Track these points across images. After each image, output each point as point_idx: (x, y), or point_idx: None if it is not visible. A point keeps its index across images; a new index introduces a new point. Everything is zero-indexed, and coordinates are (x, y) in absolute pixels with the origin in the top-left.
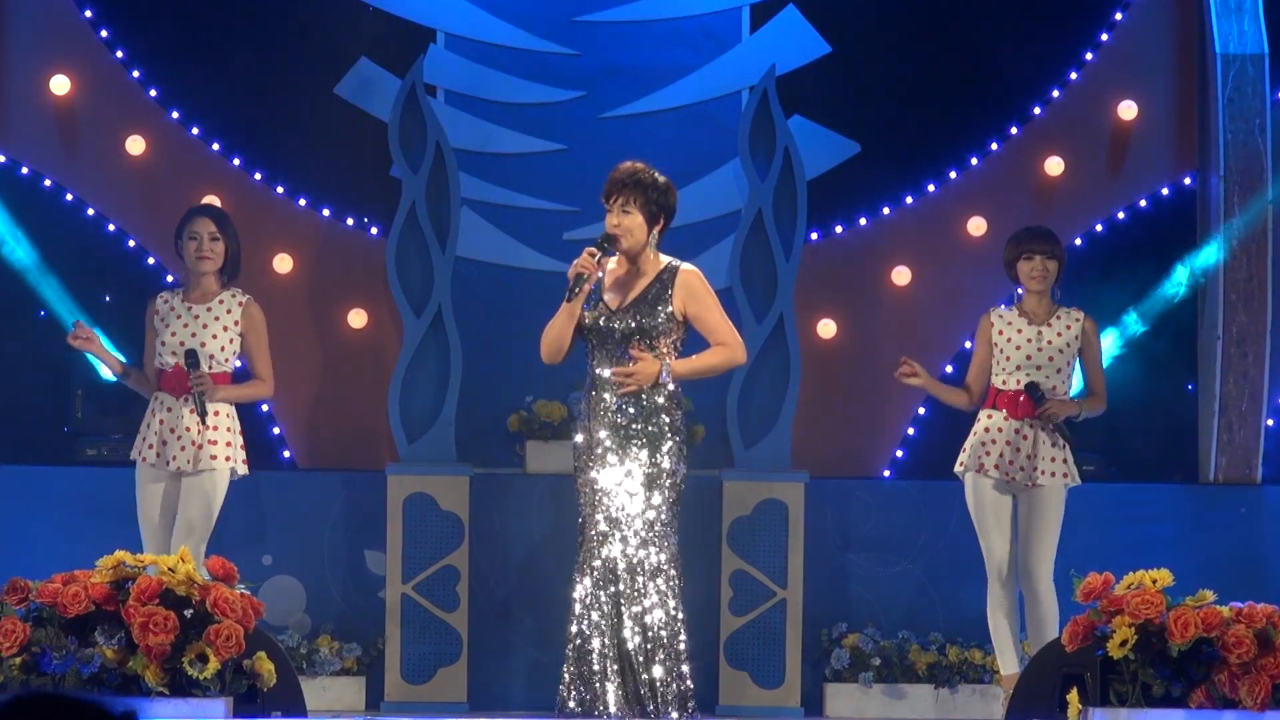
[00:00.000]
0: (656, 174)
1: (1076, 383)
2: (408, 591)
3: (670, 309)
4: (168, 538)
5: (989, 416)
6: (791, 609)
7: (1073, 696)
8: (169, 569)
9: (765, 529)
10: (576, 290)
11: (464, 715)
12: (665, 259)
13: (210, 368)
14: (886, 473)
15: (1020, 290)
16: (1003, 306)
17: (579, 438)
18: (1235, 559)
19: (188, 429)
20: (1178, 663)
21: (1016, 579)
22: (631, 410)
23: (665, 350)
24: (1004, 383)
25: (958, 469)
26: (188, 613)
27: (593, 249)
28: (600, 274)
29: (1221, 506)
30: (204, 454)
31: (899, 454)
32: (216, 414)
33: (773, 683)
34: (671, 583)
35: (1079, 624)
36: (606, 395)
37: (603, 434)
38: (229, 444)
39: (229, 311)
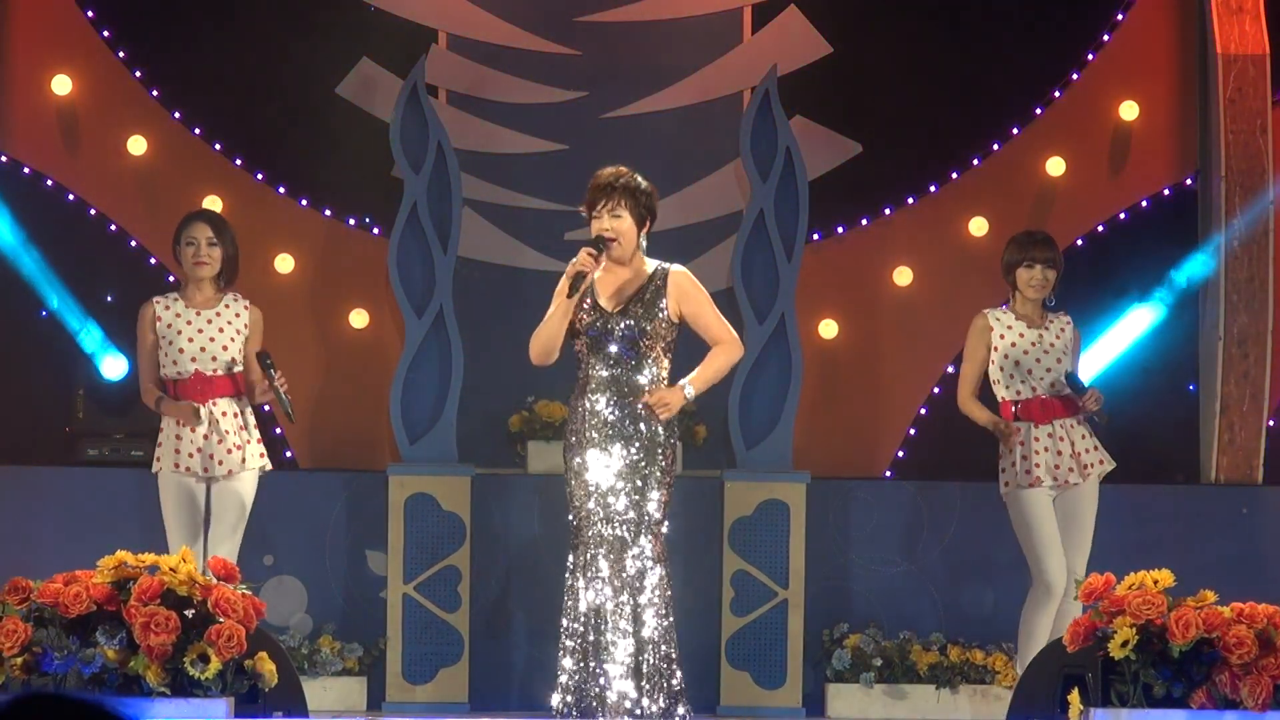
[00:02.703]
0: (639, 177)
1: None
2: (409, 592)
3: (666, 311)
4: (200, 542)
5: (1018, 431)
6: (793, 609)
7: (1074, 697)
8: (170, 569)
9: (767, 529)
10: (578, 288)
11: (465, 715)
12: (652, 262)
13: (230, 370)
14: (888, 473)
15: (1014, 294)
16: (1001, 309)
17: (571, 439)
18: (1237, 559)
19: (226, 432)
20: (1179, 663)
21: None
22: (624, 413)
23: (660, 352)
24: (1018, 393)
25: (1004, 489)
26: (189, 613)
27: (590, 249)
28: (597, 271)
29: (1223, 507)
30: (247, 454)
31: (900, 454)
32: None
33: (774, 683)
34: (663, 582)
35: (1080, 624)
36: (599, 397)
37: (595, 436)
38: (260, 440)
39: (238, 315)
